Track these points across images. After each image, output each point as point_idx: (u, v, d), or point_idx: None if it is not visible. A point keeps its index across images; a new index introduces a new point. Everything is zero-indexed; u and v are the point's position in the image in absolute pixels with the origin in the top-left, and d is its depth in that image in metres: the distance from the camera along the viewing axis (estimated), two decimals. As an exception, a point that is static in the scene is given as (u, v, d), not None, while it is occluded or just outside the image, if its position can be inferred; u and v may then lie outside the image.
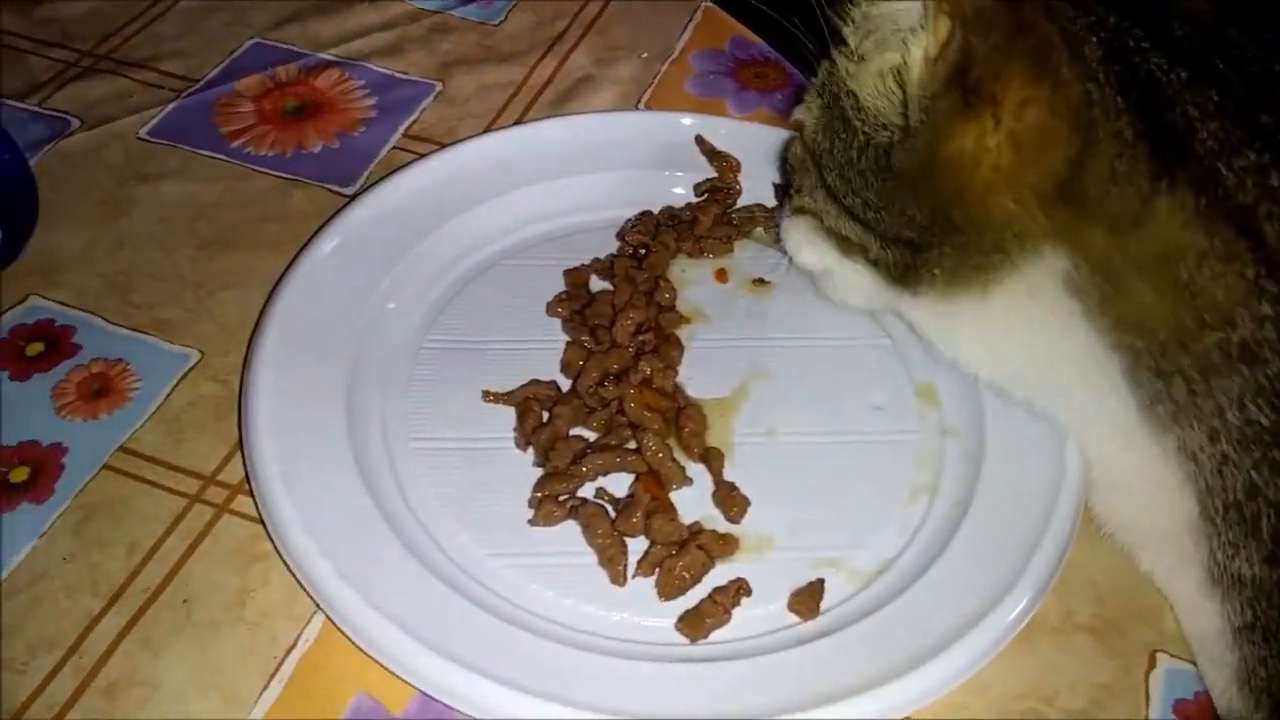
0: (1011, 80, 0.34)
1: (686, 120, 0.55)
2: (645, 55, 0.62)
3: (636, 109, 0.59)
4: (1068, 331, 0.36)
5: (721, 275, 0.50)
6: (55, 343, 0.46)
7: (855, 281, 0.43)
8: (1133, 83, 0.34)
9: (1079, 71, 0.34)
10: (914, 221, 0.38)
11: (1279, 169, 0.33)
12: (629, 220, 0.51)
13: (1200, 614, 0.38)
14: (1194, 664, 0.39)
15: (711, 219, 0.51)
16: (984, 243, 0.36)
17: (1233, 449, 0.34)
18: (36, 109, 0.57)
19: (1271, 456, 0.33)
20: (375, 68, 0.60)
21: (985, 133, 0.34)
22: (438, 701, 0.35)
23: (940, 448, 0.44)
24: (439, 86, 0.60)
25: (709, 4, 0.66)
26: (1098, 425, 0.39)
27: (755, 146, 0.53)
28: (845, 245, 0.41)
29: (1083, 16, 0.35)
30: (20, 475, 0.41)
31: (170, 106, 0.57)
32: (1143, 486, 0.38)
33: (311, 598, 0.36)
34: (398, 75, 0.60)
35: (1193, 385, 0.34)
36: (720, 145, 0.54)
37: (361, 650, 0.35)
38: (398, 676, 0.35)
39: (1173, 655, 0.39)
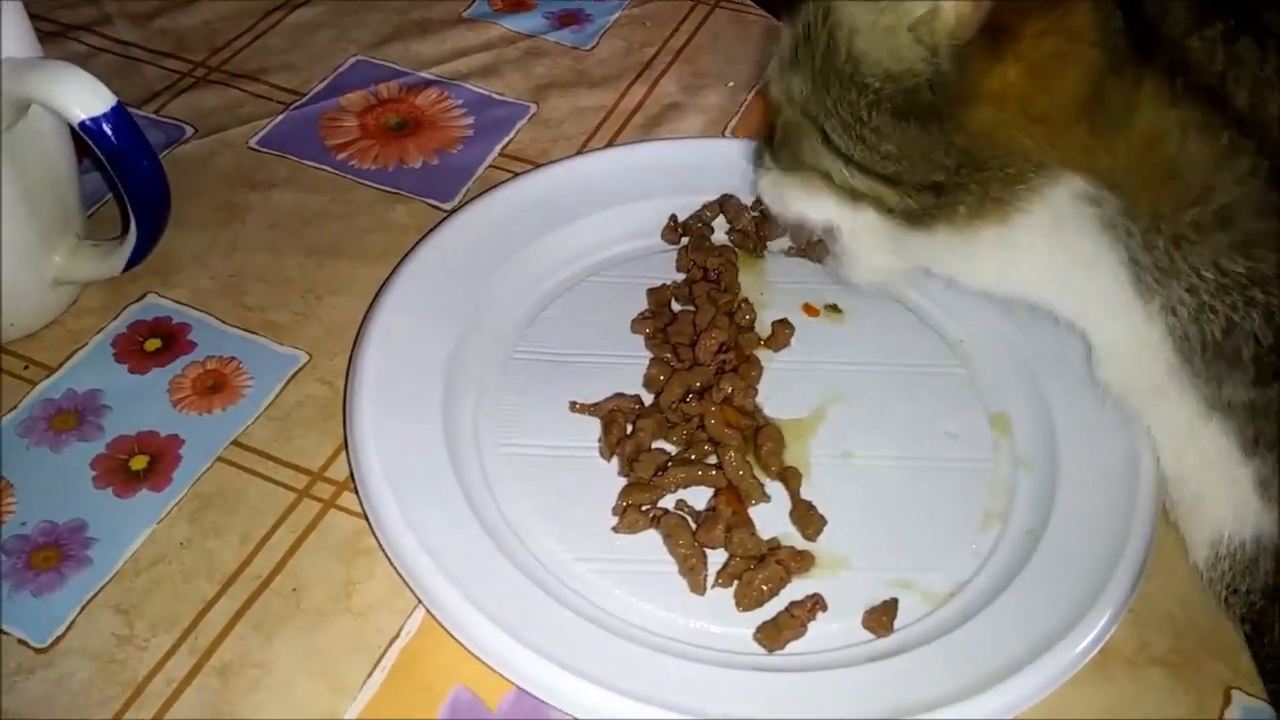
0: (1030, 15, 0.36)
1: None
2: (732, 84, 0.64)
3: (723, 136, 0.60)
4: (1082, 238, 0.38)
5: (809, 309, 0.52)
6: (172, 339, 0.49)
7: (866, 230, 0.44)
8: None
9: None
10: (939, 166, 0.39)
11: (1245, 34, 0.35)
12: (681, 245, 0.53)
13: (1203, 438, 0.40)
14: (1270, 703, 0.39)
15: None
16: (1008, 176, 0.38)
17: (1210, 297, 0.37)
18: (153, 116, 0.60)
19: (1248, 295, 0.36)
20: (473, 88, 0.63)
21: (1007, 68, 0.36)
22: (532, 697, 0.36)
23: (1013, 476, 0.45)
24: (534, 108, 0.62)
25: (794, 34, 0.68)
26: (1095, 309, 0.41)
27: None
28: (855, 195, 0.43)
29: None
30: (140, 464, 0.44)
31: (279, 118, 0.60)
32: (1129, 347, 0.41)
33: (413, 591, 0.39)
34: (494, 96, 0.63)
35: (1179, 251, 0.37)
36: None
37: (460, 644, 0.37)
38: (494, 670, 0.37)
39: (1249, 694, 0.40)
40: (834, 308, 0.52)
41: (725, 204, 0.54)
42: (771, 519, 0.43)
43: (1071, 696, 0.38)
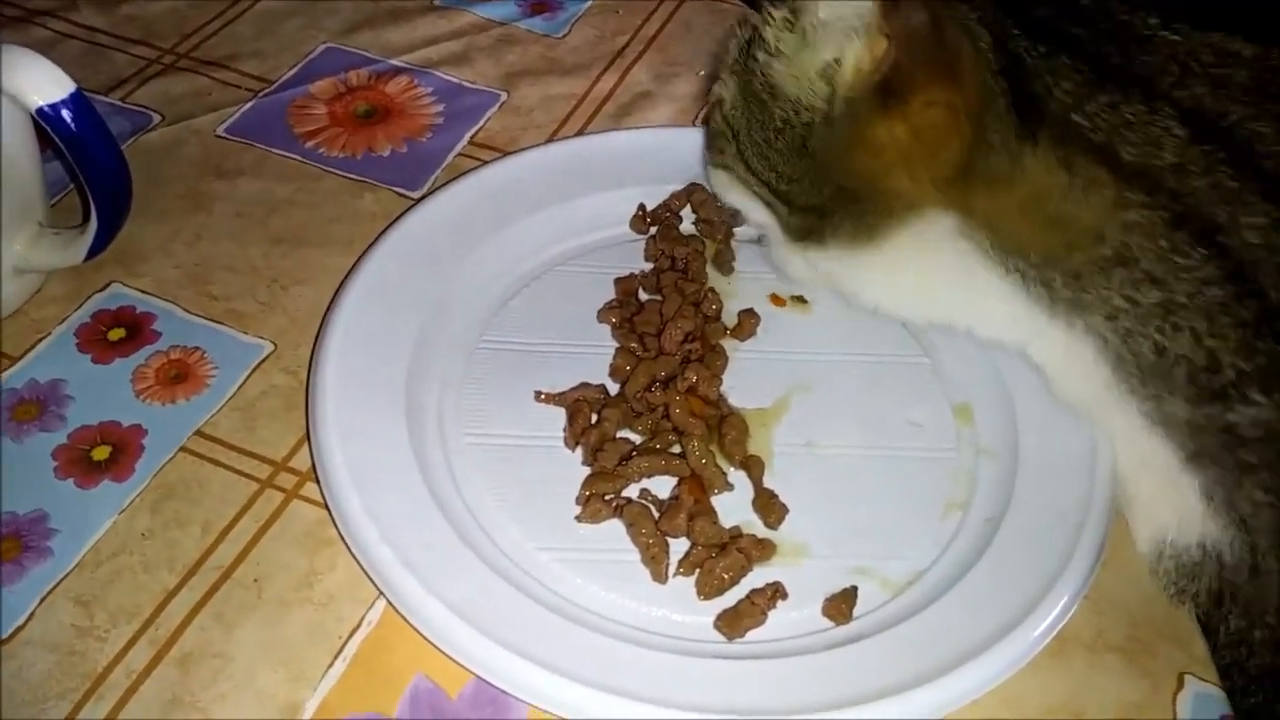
0: (924, 86, 0.39)
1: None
2: (703, 73, 0.64)
3: (693, 125, 0.60)
4: (962, 266, 0.42)
5: (776, 300, 0.52)
6: (136, 329, 0.48)
7: (779, 237, 0.48)
8: (1007, 67, 0.39)
9: (979, 73, 0.39)
10: (820, 193, 0.43)
11: (1127, 102, 0.38)
12: (649, 235, 0.54)
13: (1146, 448, 0.41)
14: (1221, 687, 0.40)
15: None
16: (880, 209, 0.42)
17: (1133, 323, 0.39)
18: (119, 103, 0.60)
19: (1172, 321, 0.38)
20: (443, 76, 0.63)
21: (894, 126, 0.40)
22: (491, 686, 0.37)
23: (975, 465, 0.46)
24: (504, 96, 0.62)
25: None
26: (1008, 331, 0.44)
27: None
28: (765, 203, 0.47)
29: (973, 14, 0.40)
30: (102, 454, 0.44)
31: (247, 106, 0.60)
32: (1063, 364, 0.44)
33: (374, 582, 0.39)
34: (465, 84, 0.62)
35: (1079, 284, 0.40)
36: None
37: (420, 634, 0.37)
38: (454, 660, 0.37)
39: (1201, 679, 0.40)
40: (800, 299, 0.52)
41: (692, 193, 0.54)
42: (734, 507, 0.43)
43: (1030, 682, 0.39)
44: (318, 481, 0.42)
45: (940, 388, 0.48)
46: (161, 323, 0.49)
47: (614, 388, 0.47)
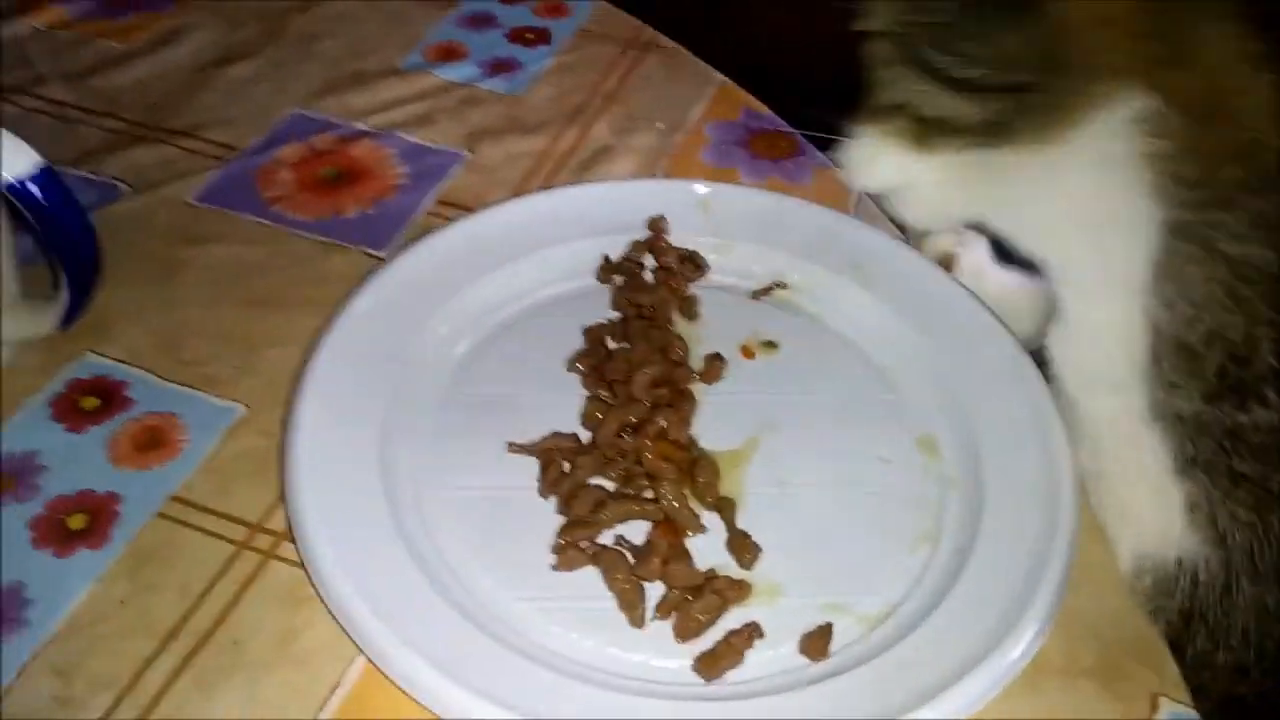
0: None
1: (699, 188, 0.58)
2: (662, 126, 0.66)
3: (654, 176, 0.62)
4: (1128, 182, 0.39)
5: (746, 352, 0.53)
6: (109, 397, 0.49)
7: (928, 181, 0.47)
8: None
9: None
10: (1020, 64, 0.40)
11: None
12: (615, 285, 0.55)
13: (1143, 446, 0.41)
14: (1194, 708, 0.41)
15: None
16: (1079, 83, 0.39)
17: (1210, 286, 0.38)
18: (89, 175, 0.61)
19: (1243, 293, 0.37)
20: (408, 137, 0.64)
21: None
22: (474, 738, 0.37)
23: (942, 497, 0.46)
24: (468, 155, 0.63)
25: (723, 78, 0.70)
26: (1099, 280, 0.42)
27: (760, 213, 0.57)
28: (923, 136, 0.45)
29: None
30: (78, 523, 0.44)
31: (216, 173, 0.61)
32: (1107, 331, 0.42)
33: (351, 639, 0.39)
34: (429, 145, 0.64)
35: (1215, 215, 0.37)
36: (729, 210, 0.57)
37: (401, 689, 0.38)
38: (436, 715, 0.37)
39: (1175, 700, 0.41)
40: (770, 344, 0.53)
41: (653, 241, 0.55)
42: (709, 549, 0.44)
43: (1004, 710, 0.39)
44: (293, 540, 0.42)
45: (904, 422, 0.49)
46: (135, 390, 0.49)
47: (586, 436, 0.48)
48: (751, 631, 0.41)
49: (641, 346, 0.51)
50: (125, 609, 0.41)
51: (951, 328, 0.52)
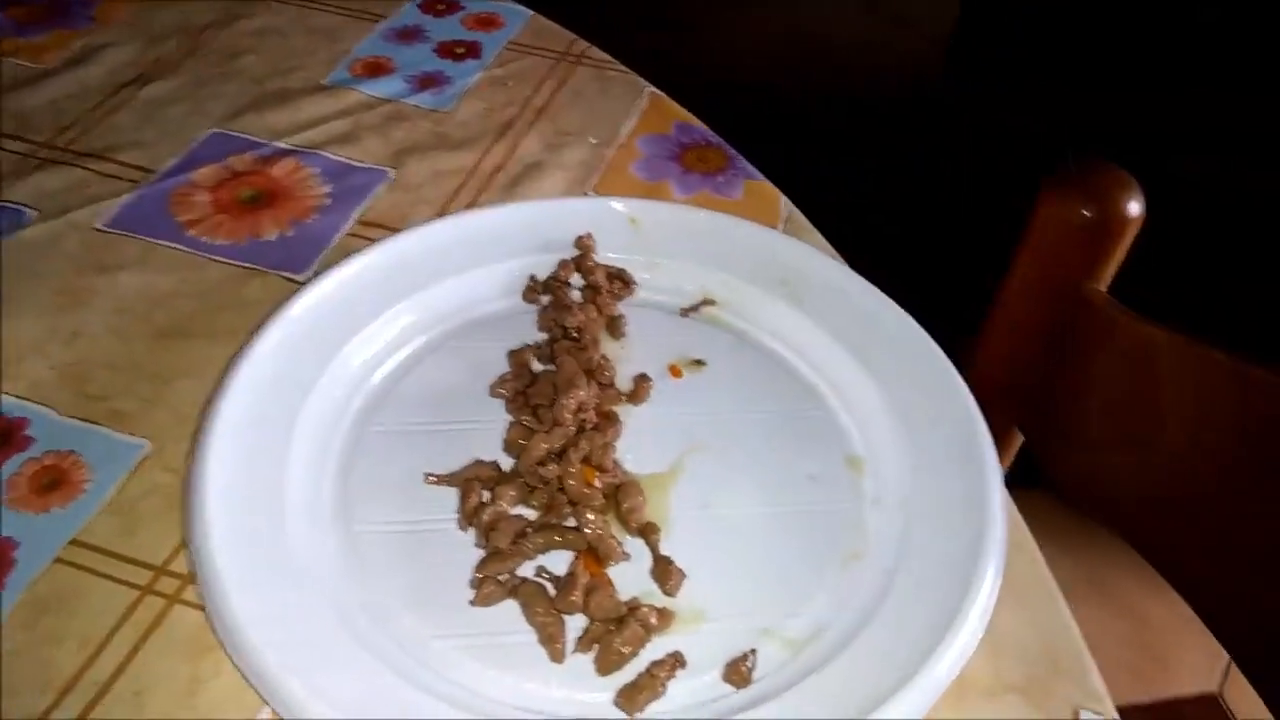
0: None
1: (625, 204, 0.57)
2: (594, 141, 0.65)
3: (585, 194, 0.61)
4: None
5: (675, 371, 0.52)
6: (7, 436, 0.47)
7: None
8: None
9: None
10: None
11: None
12: (542, 305, 0.53)
13: None
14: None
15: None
16: None
17: None
18: (-4, 201, 0.59)
19: None
20: (330, 156, 0.63)
21: None
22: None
23: (869, 515, 0.46)
24: (392, 173, 0.62)
25: (654, 90, 0.69)
26: None
27: (689, 229, 0.56)
28: None
29: None
30: (-27, 570, 0.42)
31: (128, 197, 0.59)
32: None
33: (256, 689, 0.37)
34: (352, 163, 0.62)
35: None
36: (657, 227, 0.56)
37: (306, 738, 0.36)
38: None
39: (1095, 712, 0.41)
40: (698, 362, 0.52)
41: (580, 260, 0.54)
42: (632, 576, 0.43)
43: (931, 730, 0.38)
44: (197, 584, 0.40)
45: (833, 440, 0.49)
46: (35, 427, 0.47)
47: (509, 463, 0.47)
48: (674, 661, 0.40)
49: (567, 368, 0.49)
50: (20, 661, 0.39)
51: (881, 343, 0.51)
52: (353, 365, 0.49)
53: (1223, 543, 0.52)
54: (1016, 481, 0.51)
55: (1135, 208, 0.54)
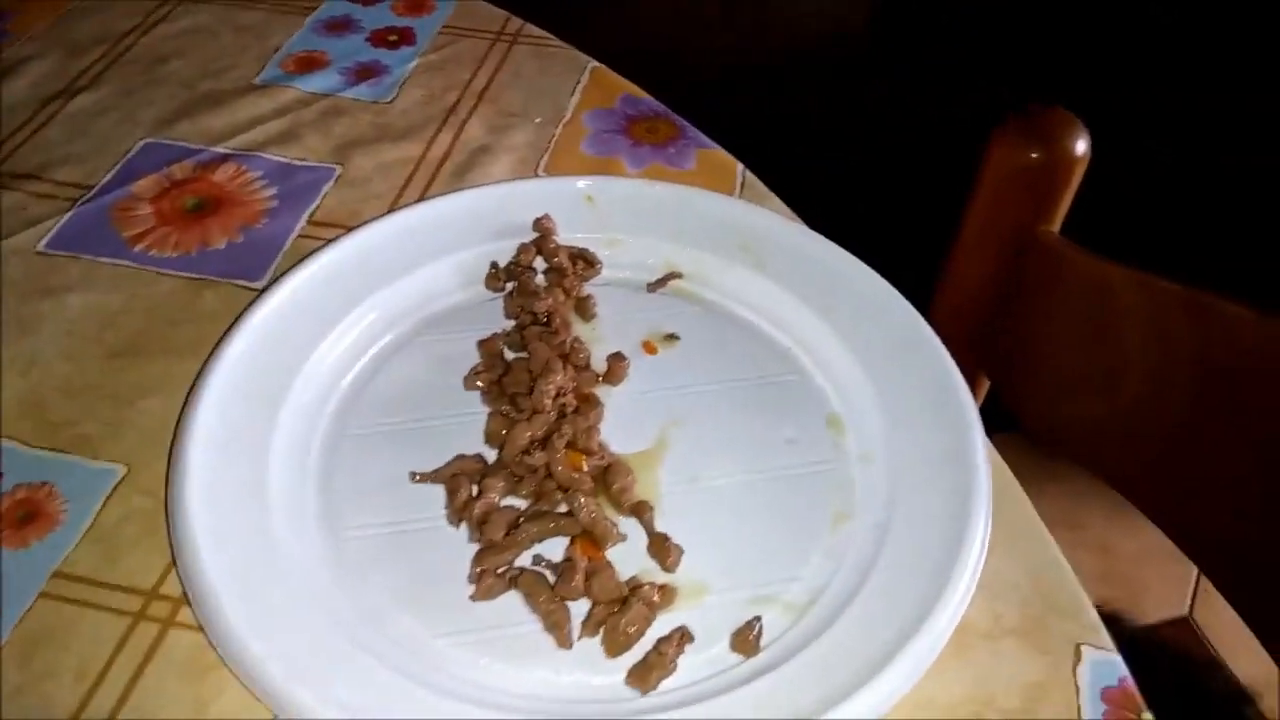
0: None
1: (580, 183, 0.57)
2: (539, 120, 0.64)
3: (535, 174, 0.60)
4: None
5: (649, 348, 0.52)
6: (-26, 473, 0.45)
7: None
8: None
9: None
10: None
11: None
12: (506, 292, 0.53)
13: None
14: (1116, 653, 0.42)
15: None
16: None
17: None
18: (-74, 232, 0.56)
19: None
20: (272, 157, 0.61)
21: None
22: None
23: (854, 473, 0.46)
24: (338, 170, 0.60)
25: (596, 64, 0.69)
26: None
27: (645, 203, 0.56)
28: None
29: None
30: (-46, 615, 0.41)
31: (67, 216, 0.57)
32: None
33: (264, 702, 0.37)
34: (295, 162, 0.61)
35: None
36: (614, 203, 0.56)
37: (322, 749, 0.36)
38: (361, 771, 0.35)
39: (1096, 646, 0.42)
40: (672, 336, 0.52)
41: (541, 243, 0.54)
42: (630, 556, 0.43)
43: (936, 681, 0.39)
44: (191, 604, 0.40)
45: (811, 402, 0.49)
46: (3, 461, 0.46)
47: (492, 455, 0.46)
48: (681, 636, 0.40)
49: (541, 354, 0.49)
50: (21, 699, 0.38)
51: (848, 300, 0.51)
52: (322, 370, 0.48)
53: (1190, 471, 0.53)
54: (987, 427, 0.52)
55: (1082, 146, 0.55)
